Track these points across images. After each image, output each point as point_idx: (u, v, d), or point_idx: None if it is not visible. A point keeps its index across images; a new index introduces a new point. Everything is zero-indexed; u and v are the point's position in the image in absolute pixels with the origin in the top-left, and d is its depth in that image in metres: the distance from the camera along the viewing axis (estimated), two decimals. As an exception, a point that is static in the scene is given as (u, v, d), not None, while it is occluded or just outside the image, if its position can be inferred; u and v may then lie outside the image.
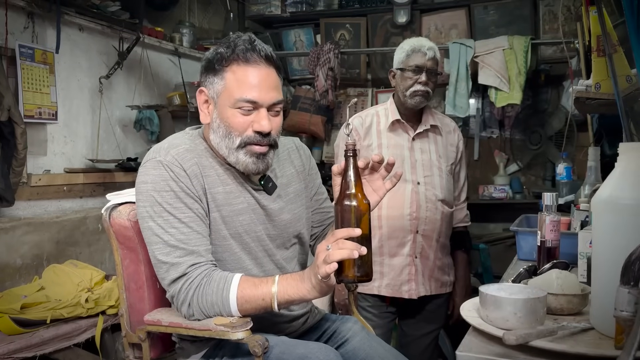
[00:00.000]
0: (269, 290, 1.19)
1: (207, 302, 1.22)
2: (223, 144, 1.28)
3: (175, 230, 1.23)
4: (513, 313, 0.96)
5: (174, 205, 1.23)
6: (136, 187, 1.29)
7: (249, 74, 1.25)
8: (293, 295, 1.18)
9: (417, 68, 1.98)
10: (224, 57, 1.26)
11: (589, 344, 0.91)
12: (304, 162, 1.50)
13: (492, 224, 3.56)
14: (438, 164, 2.06)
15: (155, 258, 1.25)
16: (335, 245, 1.08)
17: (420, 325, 2.14)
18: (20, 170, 2.43)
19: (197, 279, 1.22)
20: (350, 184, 1.12)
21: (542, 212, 1.42)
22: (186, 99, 3.31)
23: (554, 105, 3.42)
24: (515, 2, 3.41)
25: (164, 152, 1.28)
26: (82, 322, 2.21)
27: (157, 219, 1.24)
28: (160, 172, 1.25)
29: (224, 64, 1.26)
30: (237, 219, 1.32)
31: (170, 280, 1.23)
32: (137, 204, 1.28)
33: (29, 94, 2.57)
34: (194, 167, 1.28)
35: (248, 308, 1.21)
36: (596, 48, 1.73)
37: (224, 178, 1.32)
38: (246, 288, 1.21)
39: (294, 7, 3.87)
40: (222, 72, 1.27)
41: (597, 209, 1.00)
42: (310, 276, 1.15)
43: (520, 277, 1.26)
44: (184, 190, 1.25)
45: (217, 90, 1.28)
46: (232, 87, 1.25)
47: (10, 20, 2.51)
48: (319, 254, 1.11)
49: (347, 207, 1.11)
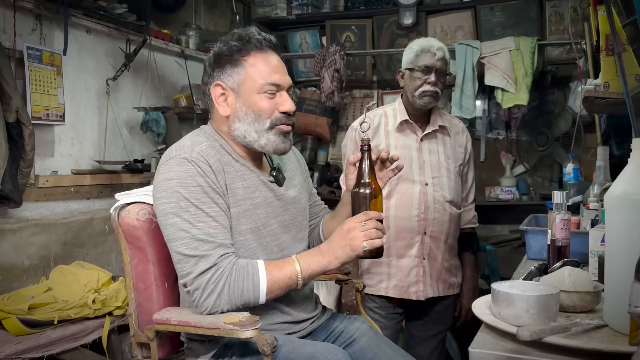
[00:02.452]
0: (293, 269, 1.27)
1: (238, 289, 1.24)
2: (252, 128, 1.33)
3: (203, 224, 1.25)
4: (526, 310, 0.95)
5: (201, 199, 1.26)
6: (157, 185, 1.30)
7: (268, 60, 1.34)
8: (315, 268, 1.29)
9: (427, 68, 1.97)
10: (241, 48, 1.33)
11: (603, 341, 0.91)
12: (298, 158, 1.59)
13: (499, 226, 3.55)
14: (446, 164, 2.05)
15: (181, 253, 1.25)
16: (371, 223, 1.25)
17: (427, 327, 2.13)
18: (27, 171, 2.44)
19: (227, 268, 1.24)
20: (366, 174, 1.31)
21: (552, 210, 1.42)
22: (192, 101, 3.31)
23: (561, 106, 3.41)
24: (521, 3, 3.40)
25: (188, 149, 1.30)
26: (89, 323, 2.21)
27: (183, 214, 1.25)
28: (186, 168, 1.27)
29: (243, 54, 1.33)
30: (255, 212, 1.36)
31: (198, 272, 1.23)
32: (159, 201, 1.28)
33: (36, 95, 2.58)
34: (217, 164, 1.31)
35: (276, 289, 1.27)
36: (605, 47, 1.73)
37: (242, 173, 1.36)
38: (272, 270, 1.27)
39: (299, 9, 3.88)
40: (241, 62, 1.33)
41: (610, 206, 1.00)
42: (333, 249, 1.27)
43: (531, 275, 1.25)
44: (210, 185, 1.27)
45: (237, 80, 1.33)
46: (256, 73, 1.32)
47: (19, 22, 2.52)
48: (352, 229, 1.25)
49: (364, 193, 1.30)
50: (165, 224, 1.27)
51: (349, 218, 1.29)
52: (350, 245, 1.25)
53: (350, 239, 1.25)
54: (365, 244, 1.24)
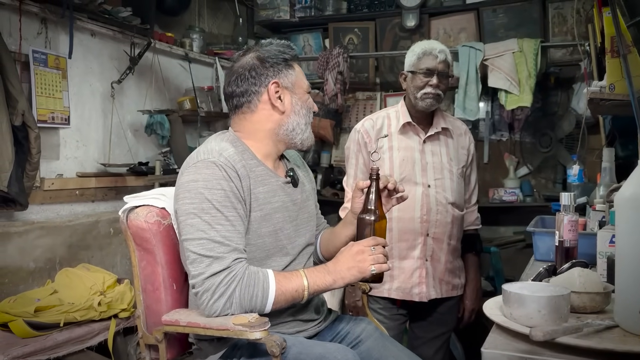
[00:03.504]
0: (301, 283, 1.31)
1: (248, 294, 1.25)
2: (304, 120, 1.45)
3: (222, 227, 1.27)
4: (537, 310, 0.95)
5: (223, 203, 1.29)
6: (182, 185, 1.32)
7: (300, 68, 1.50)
8: (321, 285, 1.33)
9: (429, 71, 1.97)
10: (289, 53, 1.46)
11: (614, 341, 0.91)
12: (306, 167, 1.64)
13: (503, 227, 3.55)
14: (449, 166, 2.05)
15: (196, 253, 1.27)
16: (379, 249, 1.32)
17: (431, 328, 2.13)
18: (33, 174, 2.45)
19: (239, 272, 1.26)
20: (373, 201, 1.37)
21: (559, 212, 1.42)
22: (196, 104, 3.32)
23: (564, 107, 3.40)
24: (524, 5, 3.40)
25: (216, 154, 1.34)
26: (95, 326, 2.22)
27: (203, 215, 1.27)
28: (213, 172, 1.30)
29: (291, 59, 1.46)
30: (275, 216, 1.40)
31: (211, 273, 1.24)
32: (182, 201, 1.31)
33: (42, 98, 2.59)
34: (243, 170, 1.35)
35: (281, 300, 1.30)
36: (610, 49, 1.73)
37: (262, 178, 1.40)
38: (281, 281, 1.30)
39: (302, 12, 3.88)
40: (292, 65, 1.46)
41: (621, 207, 1.00)
42: (339, 269, 1.33)
43: (541, 276, 1.26)
44: (233, 191, 1.31)
45: (291, 80, 1.45)
46: (301, 77, 1.47)
47: (24, 26, 2.53)
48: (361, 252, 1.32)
49: (369, 220, 1.36)
50: (185, 224, 1.29)
51: (357, 241, 1.35)
52: (358, 267, 1.31)
53: (358, 261, 1.31)
54: (374, 267, 1.31)
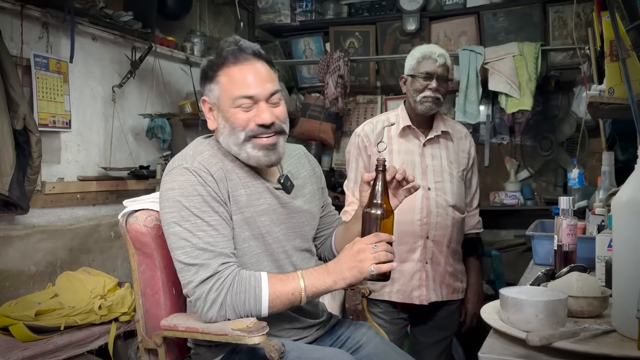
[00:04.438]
0: (297, 285, 1.24)
1: (240, 300, 1.23)
2: (230, 141, 1.33)
3: (204, 233, 1.25)
4: (534, 315, 0.95)
5: (201, 209, 1.26)
6: (161, 194, 1.31)
7: (240, 72, 1.31)
8: (320, 287, 1.26)
9: (428, 75, 1.98)
10: (215, 63, 1.33)
11: (611, 346, 0.91)
12: (313, 167, 1.57)
13: (504, 231, 3.54)
14: (449, 169, 2.05)
15: (182, 262, 1.25)
16: (382, 246, 1.22)
17: (432, 332, 2.13)
18: (34, 178, 2.45)
19: (229, 278, 1.23)
20: (379, 194, 1.28)
21: (558, 216, 1.42)
22: (197, 108, 3.33)
23: (565, 111, 3.41)
24: (524, 9, 3.40)
25: (190, 158, 1.31)
26: (96, 329, 2.22)
27: (184, 223, 1.25)
28: (187, 178, 1.27)
29: (216, 69, 1.32)
30: (259, 219, 1.35)
31: (199, 281, 1.23)
32: (163, 210, 1.29)
33: (43, 102, 2.60)
34: (219, 172, 1.31)
35: (278, 304, 1.25)
36: (609, 53, 1.73)
37: (246, 180, 1.35)
38: (275, 284, 1.25)
39: (303, 16, 3.89)
40: (216, 78, 1.33)
41: (618, 211, 1.00)
42: (340, 269, 1.24)
43: (539, 280, 1.25)
44: (211, 195, 1.28)
45: (216, 95, 1.34)
46: (228, 88, 1.31)
47: (26, 30, 2.54)
48: (362, 250, 1.23)
49: (375, 214, 1.27)
50: (168, 233, 1.28)
51: (360, 238, 1.27)
52: (358, 267, 1.23)
53: (359, 261, 1.23)
54: (373, 268, 1.22)
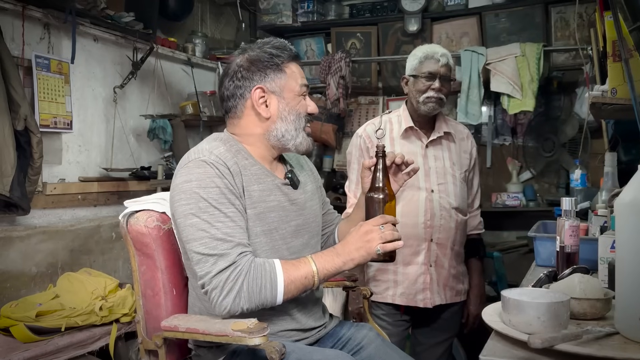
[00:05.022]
0: (309, 269, 1.29)
1: (257, 286, 1.24)
2: (293, 127, 1.41)
3: (222, 224, 1.27)
4: (536, 317, 0.94)
5: (219, 200, 1.28)
6: (176, 187, 1.31)
7: (299, 68, 1.45)
8: (331, 269, 1.30)
9: (430, 75, 1.97)
10: (280, 55, 1.41)
11: (615, 348, 0.90)
12: (310, 167, 1.62)
13: (506, 232, 3.53)
14: (452, 171, 2.04)
15: (200, 253, 1.26)
16: (388, 227, 1.28)
17: (434, 334, 2.12)
18: (35, 179, 2.45)
19: (245, 266, 1.25)
20: (381, 179, 1.34)
21: (560, 217, 1.41)
22: (199, 108, 3.33)
23: (567, 112, 3.40)
24: (526, 10, 3.40)
25: (207, 152, 1.33)
26: (96, 330, 2.22)
27: (201, 214, 1.27)
28: (205, 170, 1.30)
29: (283, 60, 1.41)
30: (270, 215, 1.38)
31: (217, 270, 1.24)
32: (178, 203, 1.30)
33: (44, 103, 2.60)
34: (234, 166, 1.34)
35: (292, 289, 1.28)
36: (612, 53, 1.73)
37: (258, 176, 1.39)
38: (289, 269, 1.28)
39: (305, 17, 3.89)
40: (283, 68, 1.41)
41: (621, 212, 0.99)
42: (349, 250, 1.29)
43: (541, 282, 1.25)
44: (228, 187, 1.30)
45: (280, 84, 1.40)
46: (295, 78, 1.42)
47: (27, 31, 2.55)
48: (369, 231, 1.28)
49: (377, 198, 1.33)
50: (184, 225, 1.28)
51: (366, 221, 1.32)
52: (365, 247, 1.28)
53: (366, 241, 1.28)
54: (379, 247, 1.27)
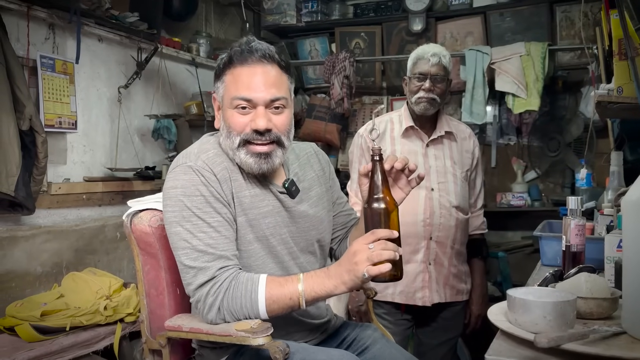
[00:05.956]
0: (295, 289, 1.19)
1: (237, 305, 1.20)
2: (227, 144, 1.31)
3: (204, 234, 1.23)
4: (542, 316, 0.94)
5: (203, 209, 1.24)
6: (164, 192, 1.29)
7: (243, 73, 1.28)
8: (320, 292, 1.19)
9: (421, 75, 1.98)
10: (224, 62, 1.31)
11: (622, 348, 0.89)
12: (323, 166, 1.52)
13: (511, 232, 3.52)
14: (452, 170, 2.04)
15: (182, 263, 1.24)
16: (378, 246, 1.12)
17: (436, 334, 2.12)
18: (40, 178, 2.46)
19: (225, 282, 1.21)
20: (378, 186, 1.18)
21: (566, 216, 1.40)
22: (203, 108, 3.33)
23: (572, 111, 3.38)
24: (531, 9, 3.39)
25: (194, 157, 1.29)
26: (101, 330, 2.22)
27: (185, 223, 1.23)
28: (190, 177, 1.26)
29: (224, 68, 1.31)
30: (263, 221, 1.32)
31: (197, 284, 1.22)
32: (165, 209, 1.28)
33: (49, 103, 2.61)
34: (223, 172, 1.29)
35: (275, 308, 1.21)
36: (618, 52, 1.72)
37: (250, 181, 1.33)
38: (273, 288, 1.21)
39: (309, 17, 3.89)
40: (223, 76, 1.32)
41: (627, 211, 0.98)
42: (340, 273, 1.17)
43: (547, 281, 1.24)
44: (214, 195, 1.25)
45: (221, 94, 1.33)
46: (229, 88, 1.30)
47: (32, 32, 2.55)
48: (358, 252, 1.13)
49: (377, 209, 1.16)
50: (170, 232, 1.27)
51: (357, 239, 1.17)
52: (354, 270, 1.13)
53: (354, 263, 1.13)
54: (365, 271, 1.11)
